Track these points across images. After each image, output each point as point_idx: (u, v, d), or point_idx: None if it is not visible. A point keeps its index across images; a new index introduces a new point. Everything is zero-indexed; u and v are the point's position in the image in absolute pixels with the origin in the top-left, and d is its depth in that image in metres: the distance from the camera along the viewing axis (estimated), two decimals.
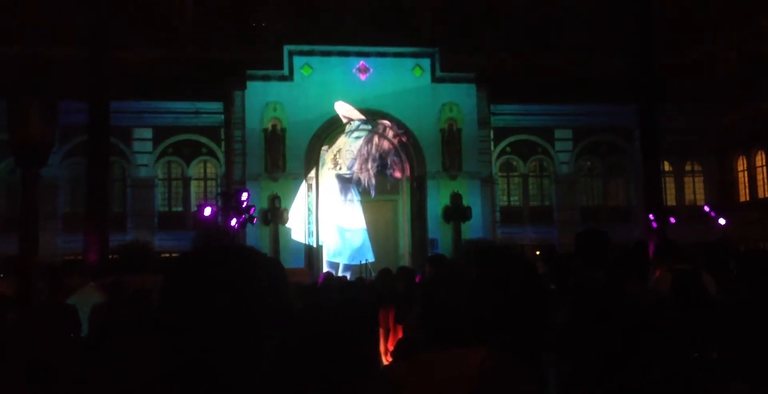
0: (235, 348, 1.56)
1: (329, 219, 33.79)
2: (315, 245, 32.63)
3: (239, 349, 1.56)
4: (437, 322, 2.85)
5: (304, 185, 32.77)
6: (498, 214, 35.54)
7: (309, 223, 32.67)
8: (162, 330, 1.59)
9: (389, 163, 34.29)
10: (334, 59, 33.52)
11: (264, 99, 32.71)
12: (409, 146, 33.84)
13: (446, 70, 34.18)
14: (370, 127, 33.71)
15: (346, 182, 34.41)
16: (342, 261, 33.49)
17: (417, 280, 9.08)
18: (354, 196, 34.45)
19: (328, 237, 33.72)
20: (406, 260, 32.29)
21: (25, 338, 5.42)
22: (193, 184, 34.92)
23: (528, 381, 2.76)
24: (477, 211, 33.07)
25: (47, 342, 5.33)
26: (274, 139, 32.64)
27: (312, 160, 33.12)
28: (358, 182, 34.09)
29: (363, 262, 31.67)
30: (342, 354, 4.60)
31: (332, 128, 33.48)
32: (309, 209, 32.75)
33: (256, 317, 1.58)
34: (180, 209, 34.58)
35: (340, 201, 34.33)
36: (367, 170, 33.98)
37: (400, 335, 6.92)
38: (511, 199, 36.74)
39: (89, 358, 5.05)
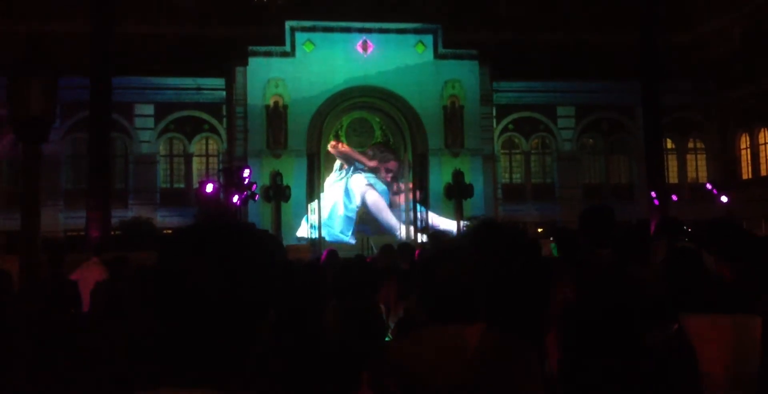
0: (232, 324, 1.56)
1: (329, 195, 33.84)
2: (317, 222, 32.66)
3: (236, 325, 1.56)
4: (436, 298, 2.85)
5: (306, 162, 32.75)
6: (500, 191, 35.56)
7: (311, 200, 32.69)
8: (158, 306, 1.59)
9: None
10: (336, 35, 33.37)
11: (266, 75, 32.61)
12: (411, 123, 33.81)
13: (449, 46, 34.04)
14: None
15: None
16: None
17: (416, 254, 9.11)
18: (352, 173, 34.54)
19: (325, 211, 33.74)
20: (408, 237, 32.34)
21: (25, 314, 5.44)
22: (195, 160, 34.91)
23: (528, 357, 2.76)
24: (479, 188, 33.07)
25: (47, 318, 5.35)
26: (276, 115, 32.59)
27: (314, 137, 33.07)
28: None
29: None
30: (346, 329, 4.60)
31: (334, 105, 33.41)
32: (311, 186, 32.74)
33: (252, 293, 1.58)
34: (182, 185, 34.60)
35: (339, 177, 34.41)
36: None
37: (400, 311, 6.93)
38: (513, 176, 36.73)
39: (90, 334, 5.07)
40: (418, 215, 33.51)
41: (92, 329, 5.17)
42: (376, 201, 34.44)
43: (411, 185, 34.28)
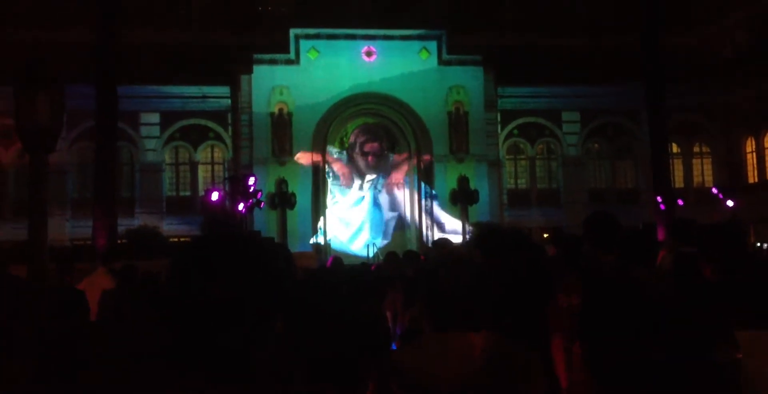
0: (240, 332, 1.58)
1: (336, 203, 33.88)
2: (322, 229, 32.64)
3: (243, 331, 1.58)
4: (440, 306, 2.87)
5: (311, 169, 32.78)
6: (505, 197, 35.51)
7: (317, 207, 32.69)
8: (168, 313, 1.61)
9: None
10: (340, 43, 33.42)
11: (271, 83, 32.67)
12: (416, 129, 33.85)
13: (453, 52, 34.08)
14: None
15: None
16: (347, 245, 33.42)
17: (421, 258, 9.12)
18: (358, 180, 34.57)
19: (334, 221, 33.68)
20: (413, 244, 32.31)
21: (33, 322, 5.46)
22: (201, 168, 34.96)
23: (533, 364, 2.78)
24: (484, 194, 33.05)
25: (55, 326, 5.37)
26: (281, 123, 32.64)
27: (319, 144, 33.11)
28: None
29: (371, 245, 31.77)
30: (349, 336, 4.62)
31: (339, 112, 33.45)
32: (316, 193, 32.76)
33: (261, 301, 1.61)
34: (188, 193, 34.65)
35: (345, 185, 34.43)
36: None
37: (407, 318, 6.94)
38: (519, 182, 36.71)
39: (97, 342, 5.09)
40: (427, 217, 33.51)
41: (99, 337, 5.20)
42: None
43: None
